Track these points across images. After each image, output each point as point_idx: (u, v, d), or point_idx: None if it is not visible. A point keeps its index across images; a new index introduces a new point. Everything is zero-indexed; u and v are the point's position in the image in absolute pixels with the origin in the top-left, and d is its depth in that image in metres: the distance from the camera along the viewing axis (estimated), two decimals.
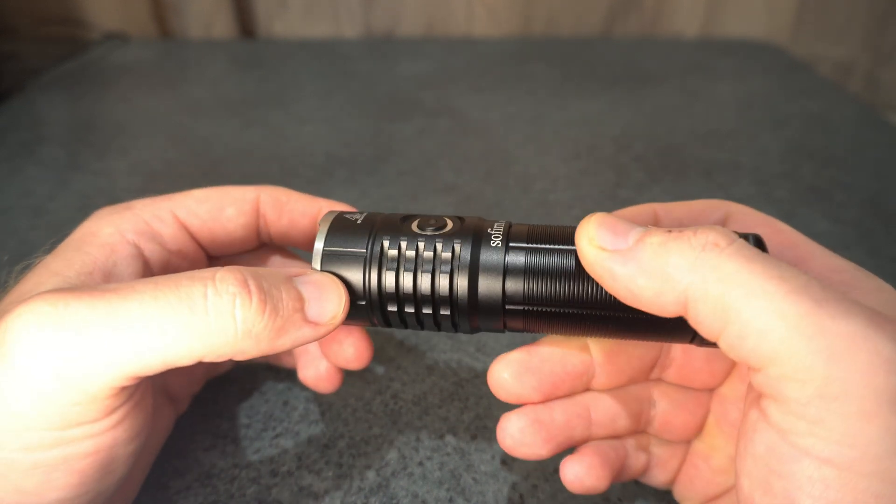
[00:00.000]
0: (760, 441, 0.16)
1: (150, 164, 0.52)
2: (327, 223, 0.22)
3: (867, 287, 0.19)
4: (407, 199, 0.47)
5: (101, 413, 0.18)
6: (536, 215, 0.45)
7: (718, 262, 0.16)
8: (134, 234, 0.23)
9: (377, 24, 0.84)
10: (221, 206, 0.25)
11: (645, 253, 0.17)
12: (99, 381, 0.18)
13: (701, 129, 0.59)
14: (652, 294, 0.17)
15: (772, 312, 0.15)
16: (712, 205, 0.22)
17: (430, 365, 0.32)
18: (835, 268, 0.20)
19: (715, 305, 0.16)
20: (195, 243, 0.25)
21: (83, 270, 0.21)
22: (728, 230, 0.17)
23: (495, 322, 0.21)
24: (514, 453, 0.22)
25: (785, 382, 0.15)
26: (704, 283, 0.16)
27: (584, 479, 0.22)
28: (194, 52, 0.79)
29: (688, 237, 0.17)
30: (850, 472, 0.14)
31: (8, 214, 0.45)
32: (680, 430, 0.24)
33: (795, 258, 0.21)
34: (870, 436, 0.14)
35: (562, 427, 0.22)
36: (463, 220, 0.22)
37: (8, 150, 0.54)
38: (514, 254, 0.20)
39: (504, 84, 0.69)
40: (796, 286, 0.15)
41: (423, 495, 0.26)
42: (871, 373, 0.14)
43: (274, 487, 0.26)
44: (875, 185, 0.49)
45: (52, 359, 0.17)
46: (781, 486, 0.15)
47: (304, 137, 0.56)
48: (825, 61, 0.86)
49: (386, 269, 0.21)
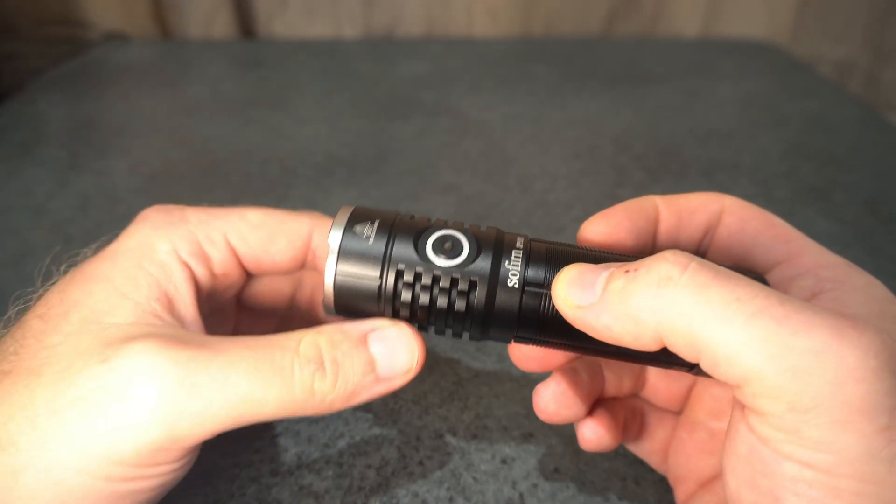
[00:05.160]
0: (743, 443, 0.17)
1: (150, 164, 0.52)
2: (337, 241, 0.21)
3: (857, 283, 0.19)
4: (407, 199, 0.47)
5: (181, 457, 0.20)
6: (536, 215, 0.45)
7: (676, 296, 0.16)
8: (188, 254, 0.23)
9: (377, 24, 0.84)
10: (274, 237, 0.25)
11: (611, 301, 0.17)
12: (198, 434, 0.19)
13: (701, 129, 0.59)
14: (631, 338, 0.17)
15: (736, 339, 0.15)
16: (710, 198, 0.23)
17: (430, 365, 0.32)
18: (825, 264, 0.20)
19: (684, 339, 0.16)
20: (240, 266, 0.25)
21: (151, 296, 0.22)
22: (681, 253, 0.17)
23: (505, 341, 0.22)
24: (555, 419, 0.23)
25: (759, 399, 0.16)
26: (669, 320, 0.16)
27: (603, 439, 0.24)
28: (194, 52, 0.79)
29: (643, 276, 0.17)
30: (830, 475, 0.15)
31: (8, 214, 0.45)
32: (664, 395, 0.25)
33: (788, 253, 0.21)
34: (845, 443, 0.15)
35: (589, 386, 0.23)
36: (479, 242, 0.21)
37: (8, 150, 0.54)
38: (530, 297, 0.20)
39: (504, 84, 0.69)
40: (755, 308, 0.15)
41: (423, 495, 0.26)
42: (837, 384, 0.15)
43: (274, 487, 0.26)
44: (875, 185, 0.49)
45: (164, 411, 0.19)
46: (766, 484, 0.16)
47: (304, 137, 0.56)
48: (825, 61, 0.86)
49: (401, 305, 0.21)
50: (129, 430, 0.19)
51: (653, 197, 0.23)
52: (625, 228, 0.22)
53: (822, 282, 0.19)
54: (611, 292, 0.17)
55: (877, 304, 0.18)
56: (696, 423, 0.24)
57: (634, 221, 0.22)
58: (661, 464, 0.26)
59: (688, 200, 0.23)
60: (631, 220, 0.22)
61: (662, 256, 0.17)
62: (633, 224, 0.22)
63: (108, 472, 0.19)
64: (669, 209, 0.23)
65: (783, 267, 0.21)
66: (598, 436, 0.23)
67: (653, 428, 0.25)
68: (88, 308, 0.21)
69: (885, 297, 0.19)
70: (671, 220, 0.23)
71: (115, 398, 0.19)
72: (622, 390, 0.25)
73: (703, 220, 0.23)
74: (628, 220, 0.22)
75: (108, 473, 0.19)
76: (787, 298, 0.16)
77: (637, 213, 0.22)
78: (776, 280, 0.21)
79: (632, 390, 0.25)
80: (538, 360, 0.24)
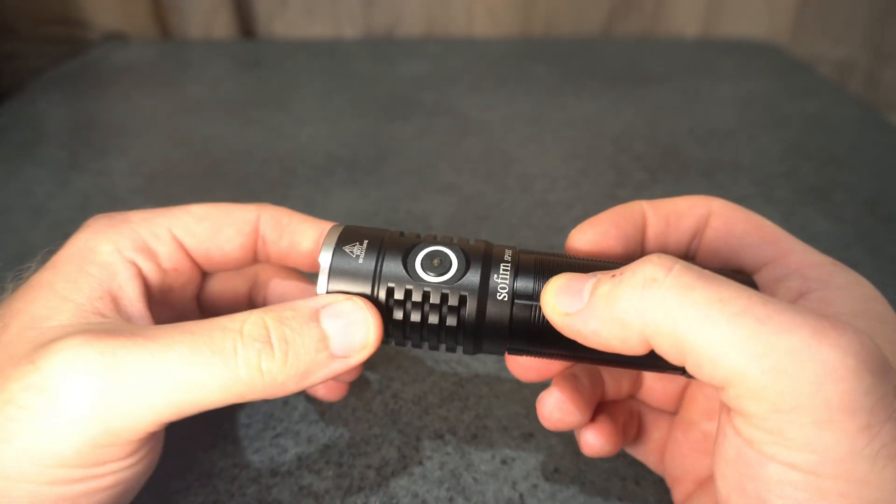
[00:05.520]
0: (730, 446, 0.17)
1: (150, 164, 0.52)
2: (328, 261, 0.21)
3: (842, 282, 0.19)
4: (407, 199, 0.47)
5: (129, 453, 0.19)
6: (536, 215, 0.45)
7: (660, 298, 0.16)
8: (132, 251, 0.23)
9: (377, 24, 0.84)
10: (220, 227, 0.25)
11: (598, 306, 0.18)
12: (137, 426, 0.19)
13: (701, 129, 0.59)
14: (618, 342, 0.17)
15: (719, 340, 0.16)
16: (697, 201, 0.23)
17: (430, 365, 0.32)
18: (812, 263, 0.20)
19: (669, 340, 0.16)
20: (191, 261, 0.25)
21: (93, 295, 0.21)
22: (665, 257, 0.17)
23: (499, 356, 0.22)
24: (559, 426, 0.23)
25: (743, 400, 0.16)
26: (654, 322, 0.16)
27: (605, 446, 0.23)
28: (194, 52, 0.79)
29: (628, 279, 0.17)
30: (815, 475, 0.15)
31: (8, 214, 0.45)
32: (660, 395, 0.25)
33: (775, 254, 0.21)
34: (828, 442, 0.15)
35: (590, 391, 0.23)
36: (468, 256, 0.21)
37: (8, 150, 0.54)
38: (520, 308, 0.20)
39: (504, 84, 0.69)
40: (738, 308, 0.16)
41: (423, 495, 0.26)
42: (818, 384, 0.15)
43: (274, 487, 0.26)
44: (875, 185, 0.49)
45: (97, 405, 0.18)
46: (753, 488, 0.16)
47: (304, 137, 0.56)
48: (825, 61, 0.86)
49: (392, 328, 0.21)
50: (63, 430, 0.18)
51: (640, 202, 0.23)
52: (612, 235, 0.22)
53: (808, 282, 0.20)
54: (598, 297, 0.18)
55: (862, 303, 0.18)
56: (690, 424, 0.24)
57: (622, 228, 0.22)
58: (658, 464, 0.26)
59: (675, 205, 0.23)
60: (618, 226, 0.22)
61: (647, 259, 0.17)
62: (620, 231, 0.22)
63: (51, 475, 0.18)
64: (657, 214, 0.23)
65: (770, 267, 0.21)
66: (601, 442, 0.23)
67: (649, 429, 0.25)
68: (29, 315, 0.20)
69: (871, 295, 0.19)
70: (659, 225, 0.23)
71: (44, 398, 0.18)
72: (621, 393, 0.25)
73: (691, 224, 0.23)
74: (615, 227, 0.22)
75: (51, 477, 0.18)
76: (770, 299, 0.16)
77: (624, 219, 0.22)
78: (764, 281, 0.21)
79: (629, 392, 0.25)
80: (536, 370, 0.23)
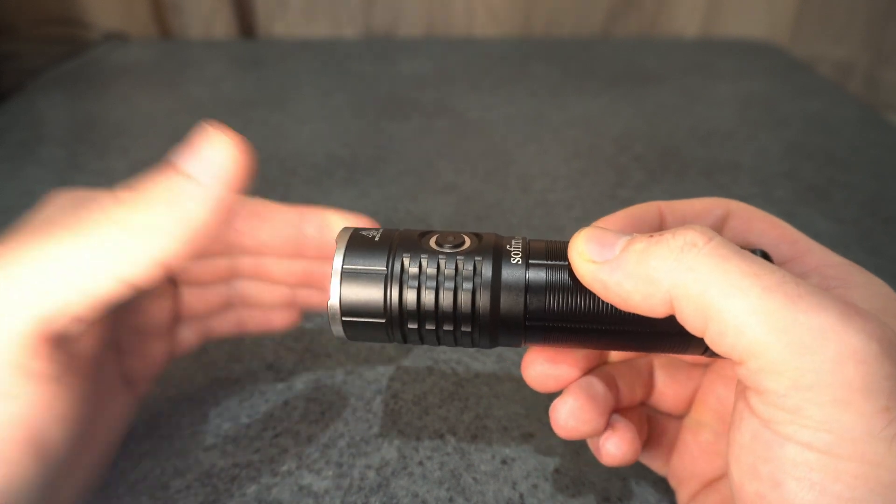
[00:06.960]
0: (746, 429, 0.17)
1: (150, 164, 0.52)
2: (344, 240, 0.21)
3: (859, 281, 0.19)
4: (407, 199, 0.47)
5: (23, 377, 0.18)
6: (536, 215, 0.45)
7: (696, 261, 0.17)
8: None
9: (377, 24, 0.84)
10: None
11: (630, 260, 0.18)
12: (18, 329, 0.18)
13: (701, 129, 0.59)
14: (640, 298, 0.18)
15: (747, 309, 0.16)
16: (714, 202, 0.23)
17: (430, 365, 0.32)
18: (830, 263, 0.20)
19: (695, 304, 0.17)
20: None
21: None
22: (707, 228, 0.18)
23: (515, 338, 0.21)
24: (574, 435, 0.22)
25: (763, 375, 0.16)
26: (684, 283, 0.17)
27: (627, 454, 0.23)
28: (194, 52, 0.79)
29: (667, 240, 0.17)
30: (831, 456, 0.15)
31: (8, 214, 0.45)
32: (671, 400, 0.25)
33: (794, 253, 0.21)
34: (845, 422, 0.15)
35: (605, 399, 0.23)
36: (480, 237, 0.21)
37: (8, 150, 0.54)
38: (535, 270, 0.20)
39: (504, 84, 0.69)
40: (771, 283, 0.16)
41: (423, 495, 0.26)
42: (840, 363, 0.15)
43: (274, 487, 0.26)
44: (875, 185, 0.49)
45: None
46: (767, 470, 0.16)
47: (304, 137, 0.56)
48: (825, 61, 0.86)
49: (408, 287, 0.20)
50: None
51: (656, 203, 0.23)
52: None
53: (827, 280, 0.20)
54: (631, 251, 0.18)
55: (880, 301, 0.18)
56: (701, 425, 0.24)
57: (638, 228, 0.22)
58: (663, 467, 0.25)
59: (692, 206, 0.23)
60: (634, 226, 0.22)
61: (690, 226, 0.18)
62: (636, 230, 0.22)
63: None
64: (674, 215, 0.23)
65: (789, 266, 0.21)
66: (622, 450, 0.23)
67: (658, 434, 0.25)
68: None
69: (889, 294, 0.19)
70: (676, 225, 0.23)
71: None
72: (634, 400, 0.25)
73: (709, 225, 0.23)
74: (631, 227, 0.22)
75: None
76: (802, 282, 0.16)
77: (640, 219, 0.22)
78: None
79: (642, 398, 0.25)
80: (555, 378, 0.23)
